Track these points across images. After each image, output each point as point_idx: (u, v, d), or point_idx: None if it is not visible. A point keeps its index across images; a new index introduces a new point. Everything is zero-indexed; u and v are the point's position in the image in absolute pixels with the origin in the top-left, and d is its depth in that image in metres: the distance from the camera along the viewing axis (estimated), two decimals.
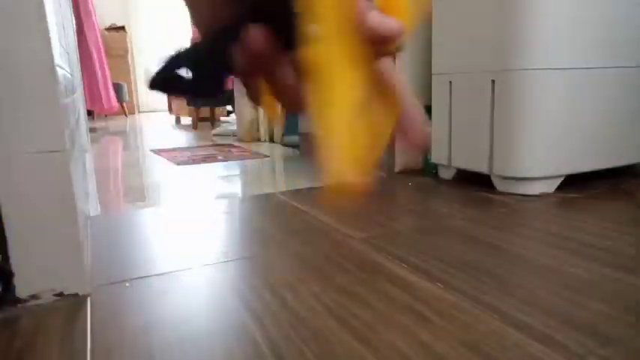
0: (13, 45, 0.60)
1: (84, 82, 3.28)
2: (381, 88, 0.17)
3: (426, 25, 1.47)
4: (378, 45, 0.15)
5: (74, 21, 2.81)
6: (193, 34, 3.51)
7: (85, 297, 0.68)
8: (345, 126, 0.14)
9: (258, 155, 2.15)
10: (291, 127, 2.38)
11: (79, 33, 3.13)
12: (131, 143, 2.97)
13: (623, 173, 1.37)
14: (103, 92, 4.03)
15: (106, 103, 4.10)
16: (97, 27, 3.91)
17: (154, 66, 0.25)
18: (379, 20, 0.15)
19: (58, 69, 0.66)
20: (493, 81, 1.20)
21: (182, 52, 0.23)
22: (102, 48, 4.05)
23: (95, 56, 3.84)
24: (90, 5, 3.77)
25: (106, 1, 5.73)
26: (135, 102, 6.19)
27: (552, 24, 1.13)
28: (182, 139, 3.09)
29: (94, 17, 3.85)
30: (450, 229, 0.97)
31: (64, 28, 1.33)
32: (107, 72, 4.15)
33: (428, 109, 1.51)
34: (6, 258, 0.64)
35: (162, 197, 1.41)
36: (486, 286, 0.69)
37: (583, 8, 1.16)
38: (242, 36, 0.18)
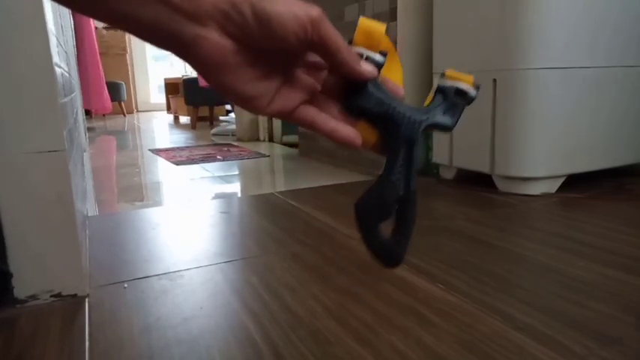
0: (12, 44, 0.59)
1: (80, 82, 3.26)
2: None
3: (428, 23, 1.47)
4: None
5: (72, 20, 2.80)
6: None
7: (83, 298, 0.68)
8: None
9: (257, 155, 2.14)
10: (290, 126, 2.38)
11: (74, 31, 3.12)
12: (129, 143, 2.97)
13: (624, 173, 1.37)
14: (97, 92, 4.00)
15: (100, 103, 4.07)
16: (92, 26, 3.88)
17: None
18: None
19: (56, 68, 0.65)
20: (495, 80, 1.20)
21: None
22: (97, 47, 4.02)
23: (89, 56, 3.81)
24: None
25: None
26: (133, 101, 6.18)
27: (553, 24, 1.13)
28: (181, 138, 3.09)
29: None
30: (451, 230, 0.96)
31: (62, 27, 1.33)
32: (102, 72, 4.12)
33: None
34: (4, 258, 0.63)
35: (160, 197, 1.41)
36: (487, 287, 0.69)
37: (583, 8, 1.15)
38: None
